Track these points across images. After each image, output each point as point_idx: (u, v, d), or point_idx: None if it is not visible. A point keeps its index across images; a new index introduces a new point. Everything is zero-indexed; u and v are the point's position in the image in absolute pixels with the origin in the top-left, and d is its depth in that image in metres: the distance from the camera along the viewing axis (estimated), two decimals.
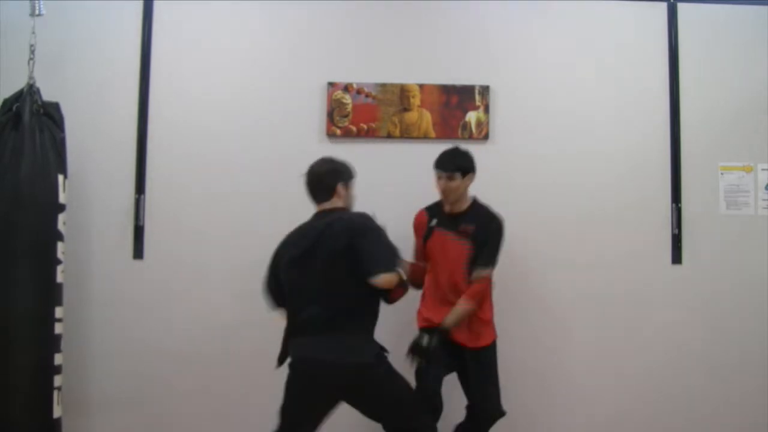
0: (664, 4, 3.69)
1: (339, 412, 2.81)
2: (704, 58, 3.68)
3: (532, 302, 3.51)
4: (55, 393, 2.98)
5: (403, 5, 3.67)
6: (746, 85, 3.67)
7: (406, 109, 3.58)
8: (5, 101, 3.06)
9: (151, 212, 3.50)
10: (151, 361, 3.45)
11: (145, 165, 3.51)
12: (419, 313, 3.14)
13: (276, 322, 3.45)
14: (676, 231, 3.59)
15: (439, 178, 3.10)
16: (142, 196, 3.50)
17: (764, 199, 3.63)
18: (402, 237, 3.49)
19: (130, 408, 3.43)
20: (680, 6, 3.68)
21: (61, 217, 3.05)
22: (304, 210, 3.50)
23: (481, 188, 3.48)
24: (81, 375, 3.41)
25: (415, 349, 2.90)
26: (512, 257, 3.31)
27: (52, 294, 3.01)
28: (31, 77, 3.08)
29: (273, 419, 3.39)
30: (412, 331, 3.04)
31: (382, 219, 3.51)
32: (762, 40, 3.69)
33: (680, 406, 3.54)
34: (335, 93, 3.57)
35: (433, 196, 3.53)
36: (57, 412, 2.98)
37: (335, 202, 2.89)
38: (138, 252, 3.49)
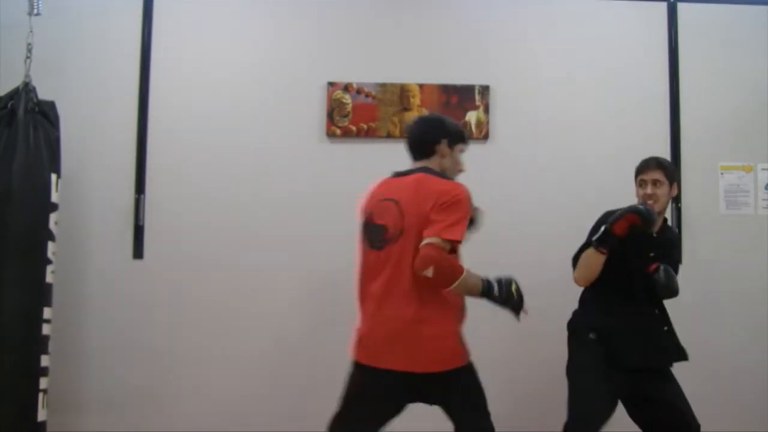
0: (664, 4, 3.53)
1: None
2: (704, 58, 3.52)
3: (532, 302, 3.34)
4: (41, 395, 2.79)
5: (403, 5, 3.51)
6: (746, 85, 3.52)
7: (406, 109, 3.41)
8: (0, 99, 2.89)
9: (151, 212, 3.33)
10: (151, 361, 3.29)
11: (145, 165, 3.35)
12: None
13: (274, 322, 3.33)
14: (676, 231, 3.42)
15: None
16: (142, 196, 3.33)
17: (764, 199, 3.48)
18: None
19: (129, 408, 3.26)
20: (680, 6, 3.52)
21: (53, 217, 2.87)
22: (304, 209, 3.37)
23: (481, 188, 3.33)
24: (80, 375, 3.25)
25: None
26: (513, 257, 3.18)
27: (41, 294, 2.82)
28: (27, 75, 2.91)
29: (273, 419, 3.26)
30: None
31: None
32: (762, 40, 3.53)
33: None
34: (335, 93, 3.39)
35: None
36: (42, 415, 2.79)
37: None
38: (138, 252, 3.32)
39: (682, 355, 2.73)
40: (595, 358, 2.64)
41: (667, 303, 3.40)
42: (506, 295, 2.36)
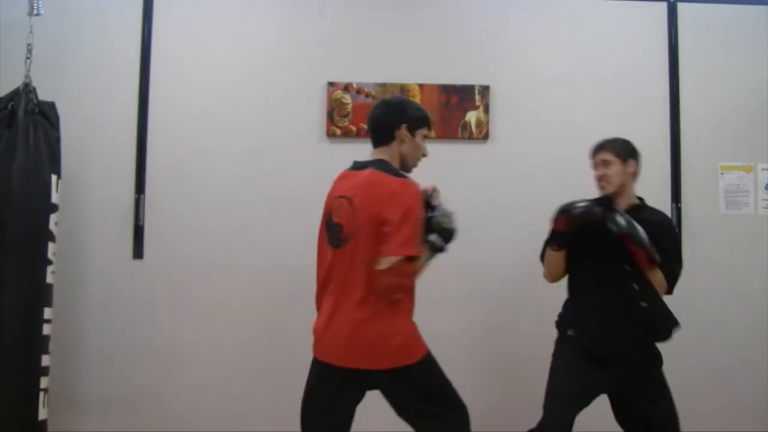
0: (664, 4, 3.52)
1: None
2: (704, 58, 3.50)
3: (533, 302, 3.35)
4: (41, 394, 2.79)
5: (403, 5, 3.50)
6: (746, 85, 3.50)
7: None
8: (0, 99, 2.88)
9: (151, 212, 3.33)
10: (150, 362, 3.29)
11: (145, 165, 3.34)
12: None
13: (274, 321, 3.31)
14: (676, 231, 3.41)
15: None
16: (142, 196, 3.32)
17: (764, 199, 3.47)
18: None
19: (129, 408, 3.26)
20: (680, 6, 3.51)
21: (53, 217, 2.86)
22: (304, 209, 3.35)
23: (481, 188, 3.35)
24: (79, 375, 3.25)
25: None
26: (513, 258, 3.18)
27: (42, 295, 2.82)
28: (27, 76, 2.89)
29: (273, 419, 3.25)
30: None
31: None
32: (762, 40, 3.52)
33: (680, 406, 3.34)
34: (335, 93, 3.39)
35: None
36: (42, 414, 2.80)
37: None
38: (138, 252, 3.31)
39: (665, 331, 2.58)
40: (571, 355, 2.58)
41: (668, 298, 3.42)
42: (448, 235, 2.36)
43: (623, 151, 2.65)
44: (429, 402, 2.27)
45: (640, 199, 2.72)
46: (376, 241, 2.19)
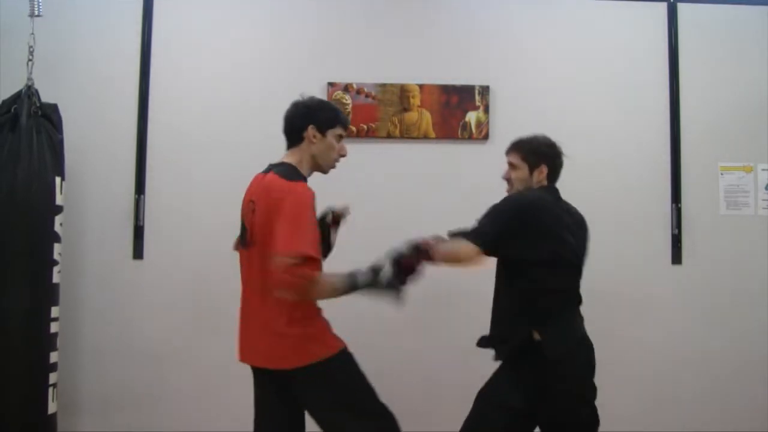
0: (664, 4, 3.59)
1: None
2: (704, 58, 3.58)
3: None
4: (51, 390, 2.91)
5: (403, 5, 3.57)
6: (746, 85, 3.57)
7: (406, 109, 3.47)
8: (3, 102, 2.96)
9: (151, 212, 3.40)
10: (150, 361, 3.36)
11: (145, 165, 3.42)
12: None
13: None
14: (676, 231, 3.49)
15: None
16: (142, 196, 3.40)
17: (764, 199, 3.54)
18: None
19: (128, 408, 3.34)
20: (680, 6, 3.59)
21: (57, 219, 2.95)
22: None
23: (481, 188, 3.39)
24: (80, 373, 3.33)
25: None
26: None
27: (48, 294, 2.91)
28: (29, 78, 2.97)
29: None
30: None
31: (382, 219, 3.42)
32: (762, 40, 3.59)
33: (680, 407, 3.45)
34: (335, 93, 3.46)
35: (433, 196, 3.43)
36: (52, 408, 2.92)
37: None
38: (138, 252, 3.39)
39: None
40: None
41: (666, 303, 3.48)
42: (386, 281, 2.23)
43: (533, 156, 2.56)
44: (345, 409, 2.24)
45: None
46: (270, 245, 2.18)
